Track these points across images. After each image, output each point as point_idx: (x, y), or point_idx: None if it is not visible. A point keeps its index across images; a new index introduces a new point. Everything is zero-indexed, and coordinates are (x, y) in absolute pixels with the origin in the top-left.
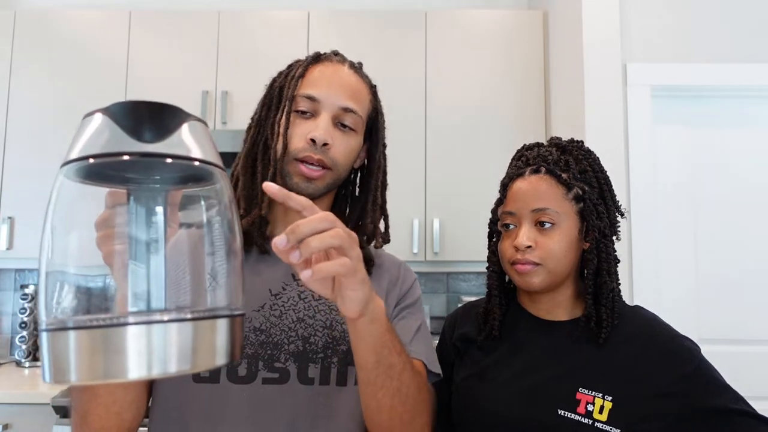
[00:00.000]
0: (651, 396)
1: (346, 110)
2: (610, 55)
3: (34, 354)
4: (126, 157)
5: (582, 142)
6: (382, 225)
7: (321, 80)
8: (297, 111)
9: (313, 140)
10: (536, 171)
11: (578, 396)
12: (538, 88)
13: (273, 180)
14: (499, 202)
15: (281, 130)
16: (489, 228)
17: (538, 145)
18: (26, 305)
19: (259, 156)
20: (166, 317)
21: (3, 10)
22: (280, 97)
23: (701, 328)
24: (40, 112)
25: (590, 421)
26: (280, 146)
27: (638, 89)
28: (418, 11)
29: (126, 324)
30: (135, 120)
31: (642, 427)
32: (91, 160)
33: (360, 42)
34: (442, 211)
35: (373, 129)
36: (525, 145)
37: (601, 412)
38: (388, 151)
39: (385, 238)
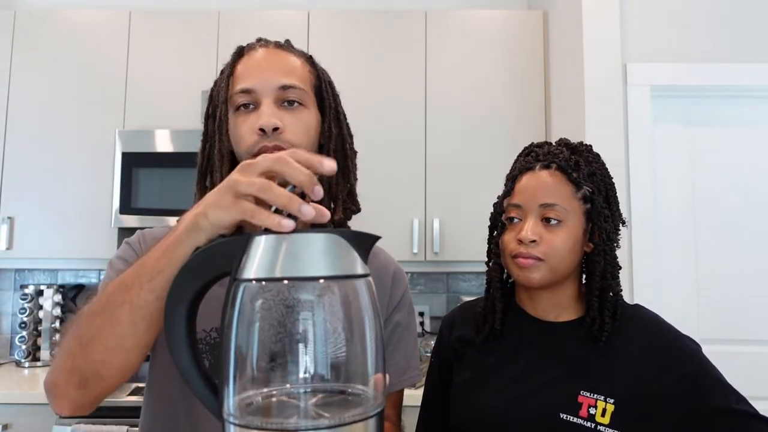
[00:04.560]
0: (653, 397)
1: (285, 87)
2: (610, 55)
3: (33, 354)
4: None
5: (591, 146)
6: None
7: (250, 70)
8: (238, 110)
9: (262, 129)
10: (547, 166)
11: (580, 399)
12: (538, 88)
13: None
14: (506, 195)
15: (222, 136)
16: (491, 220)
17: (548, 143)
18: (26, 305)
19: (215, 168)
20: (332, 422)
21: (3, 10)
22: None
23: (701, 328)
24: (40, 112)
25: (592, 425)
26: (224, 153)
27: (638, 89)
28: (418, 11)
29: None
30: (365, 247)
31: (644, 429)
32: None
33: (360, 42)
34: (442, 211)
35: (321, 98)
36: (533, 143)
37: (603, 415)
38: (387, 150)
39: (353, 209)
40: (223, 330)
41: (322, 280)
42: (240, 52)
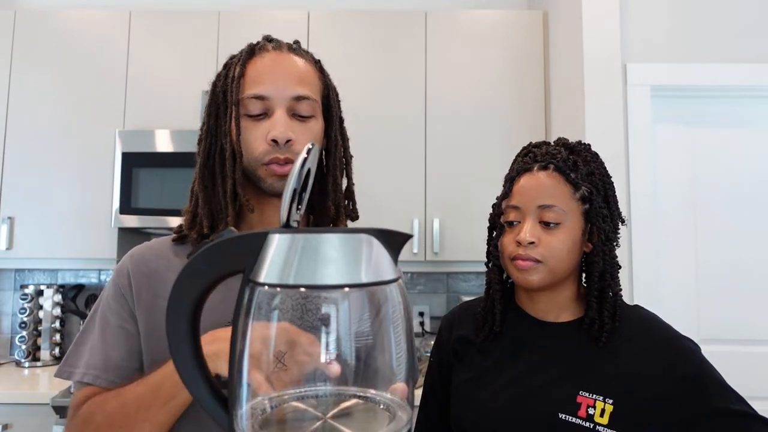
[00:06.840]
0: (652, 398)
1: (299, 98)
2: (610, 55)
3: (33, 354)
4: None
5: (590, 145)
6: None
7: (264, 75)
8: (248, 115)
9: (274, 140)
10: (545, 167)
11: (579, 399)
12: (538, 88)
13: (233, 191)
14: (504, 196)
15: (233, 138)
16: (490, 222)
17: (546, 143)
18: (26, 305)
19: (217, 168)
20: None
21: (3, 10)
22: (226, 102)
23: (701, 328)
24: (40, 112)
25: (591, 425)
26: (236, 155)
27: (638, 89)
28: (418, 11)
29: None
30: (397, 247)
31: (642, 429)
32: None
33: (360, 42)
34: (442, 211)
35: (328, 107)
36: (531, 142)
37: (602, 415)
38: (387, 150)
39: (352, 216)
40: (235, 336)
41: (351, 288)
42: (251, 52)
